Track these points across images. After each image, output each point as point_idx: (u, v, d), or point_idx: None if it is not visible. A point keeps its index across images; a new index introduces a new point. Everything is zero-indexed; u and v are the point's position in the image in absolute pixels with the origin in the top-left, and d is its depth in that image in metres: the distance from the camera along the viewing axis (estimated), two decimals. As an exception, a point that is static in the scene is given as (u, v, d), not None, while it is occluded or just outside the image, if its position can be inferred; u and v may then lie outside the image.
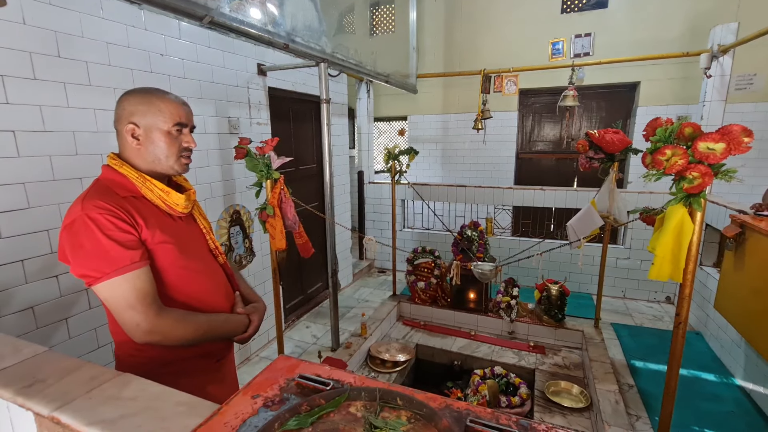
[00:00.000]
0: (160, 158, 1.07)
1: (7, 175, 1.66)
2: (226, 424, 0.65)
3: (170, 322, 1.01)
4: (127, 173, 1.05)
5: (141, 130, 1.04)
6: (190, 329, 1.05)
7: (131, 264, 0.97)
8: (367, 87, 4.96)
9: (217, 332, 1.12)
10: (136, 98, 1.05)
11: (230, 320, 1.17)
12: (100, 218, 0.95)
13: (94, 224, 0.94)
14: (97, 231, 0.94)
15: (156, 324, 0.99)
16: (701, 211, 1.43)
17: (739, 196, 4.00)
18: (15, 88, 1.66)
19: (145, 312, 0.97)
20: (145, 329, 0.98)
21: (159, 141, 1.06)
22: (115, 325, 1.04)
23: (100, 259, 0.94)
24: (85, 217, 0.94)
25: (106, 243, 0.94)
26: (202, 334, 1.07)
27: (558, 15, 4.65)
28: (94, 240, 0.94)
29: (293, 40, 2.48)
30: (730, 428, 2.34)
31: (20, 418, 0.75)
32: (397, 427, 0.64)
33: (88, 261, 0.95)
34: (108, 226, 0.95)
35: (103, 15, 1.97)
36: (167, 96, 1.08)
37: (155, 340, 1.00)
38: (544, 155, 5.22)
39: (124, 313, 0.97)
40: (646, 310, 3.99)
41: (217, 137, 2.73)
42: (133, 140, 1.05)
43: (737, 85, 4.00)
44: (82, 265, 0.95)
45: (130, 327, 0.98)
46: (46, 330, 1.81)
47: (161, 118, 1.05)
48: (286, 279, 3.57)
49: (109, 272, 0.95)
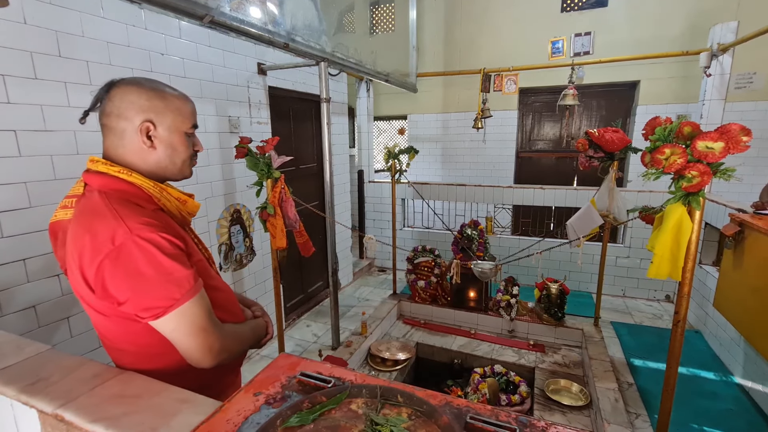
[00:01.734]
0: (176, 162, 0.95)
1: (9, 174, 1.67)
2: (229, 421, 0.66)
3: (231, 337, 0.94)
4: (141, 183, 0.90)
5: (158, 131, 0.91)
6: (243, 341, 1.00)
7: (196, 283, 0.86)
8: (367, 86, 4.96)
9: (253, 339, 1.08)
10: (149, 91, 0.90)
11: (257, 325, 1.12)
12: (157, 237, 0.81)
13: (153, 245, 0.80)
14: (158, 253, 0.80)
15: (224, 341, 0.91)
16: (700, 209, 1.44)
17: (739, 195, 4.00)
18: (16, 88, 1.67)
19: (215, 332, 0.88)
20: (218, 349, 0.89)
21: (179, 144, 0.94)
22: (134, 356, 0.91)
23: (168, 285, 0.81)
24: (137, 239, 0.79)
25: (169, 265, 0.81)
26: (248, 343, 1.04)
27: (558, 14, 4.65)
28: (156, 264, 0.80)
29: (293, 40, 2.48)
30: (728, 426, 2.34)
31: (24, 416, 0.76)
32: (398, 424, 0.64)
33: (154, 290, 0.80)
34: (166, 246, 0.82)
35: (103, 14, 1.97)
36: (176, 92, 0.96)
37: (224, 358, 0.91)
38: (543, 154, 5.22)
39: (195, 339, 0.85)
40: (645, 308, 3.99)
41: (217, 136, 2.74)
42: (145, 141, 0.90)
43: (737, 84, 4.00)
44: (146, 296, 0.80)
45: (203, 351, 0.86)
46: (47, 329, 1.82)
47: (180, 119, 0.93)
48: (286, 278, 3.58)
49: (179, 297, 0.82)
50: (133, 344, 0.90)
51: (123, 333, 0.89)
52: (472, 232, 3.48)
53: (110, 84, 0.91)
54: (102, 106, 0.91)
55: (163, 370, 0.91)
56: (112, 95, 0.89)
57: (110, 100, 0.89)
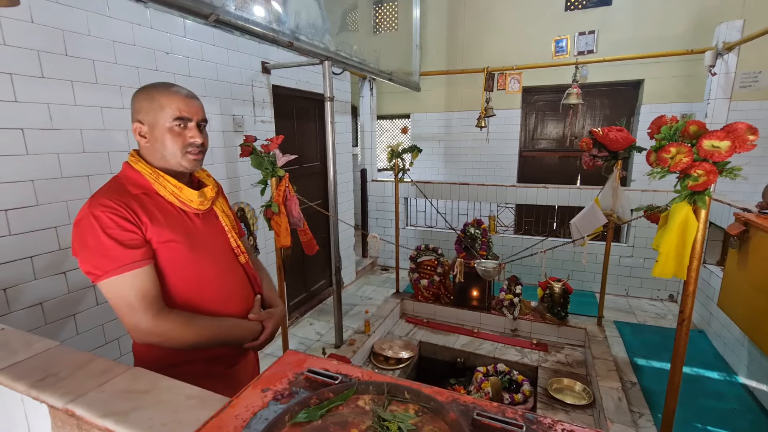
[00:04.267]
0: (166, 156, 1.04)
1: (16, 172, 1.68)
2: (237, 417, 0.66)
3: (170, 325, 0.99)
4: (141, 169, 1.04)
5: (146, 128, 1.03)
6: (191, 333, 1.01)
7: (132, 263, 0.96)
8: (370, 85, 4.97)
9: (223, 337, 1.07)
10: (142, 94, 1.04)
11: (238, 326, 1.11)
12: (103, 216, 0.95)
13: (97, 222, 0.95)
14: (98, 229, 0.94)
15: (155, 325, 0.97)
16: (706, 208, 1.44)
17: (744, 195, 3.99)
18: (23, 87, 1.68)
19: (144, 312, 0.96)
20: (144, 330, 0.97)
21: (162, 138, 1.03)
22: None
23: (101, 257, 0.94)
24: (89, 215, 0.95)
25: (106, 241, 0.94)
26: (207, 339, 1.04)
27: (562, 12, 4.64)
28: (96, 238, 0.94)
29: (297, 38, 2.48)
30: (732, 426, 2.34)
31: (35, 411, 0.77)
32: (405, 420, 0.65)
33: (92, 258, 0.95)
34: (109, 225, 0.95)
35: (109, 13, 1.98)
36: (170, 89, 1.04)
37: (154, 341, 0.99)
38: (547, 153, 5.21)
39: (123, 312, 0.97)
40: (649, 308, 3.98)
41: (221, 135, 2.75)
42: (141, 138, 1.05)
43: (742, 83, 3.98)
44: (86, 261, 0.96)
45: (129, 326, 0.98)
46: (54, 326, 1.84)
47: (162, 114, 1.02)
48: (290, 276, 3.59)
49: (109, 270, 0.94)
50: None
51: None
52: (475, 231, 3.48)
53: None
54: None
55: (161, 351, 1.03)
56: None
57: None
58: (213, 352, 1.10)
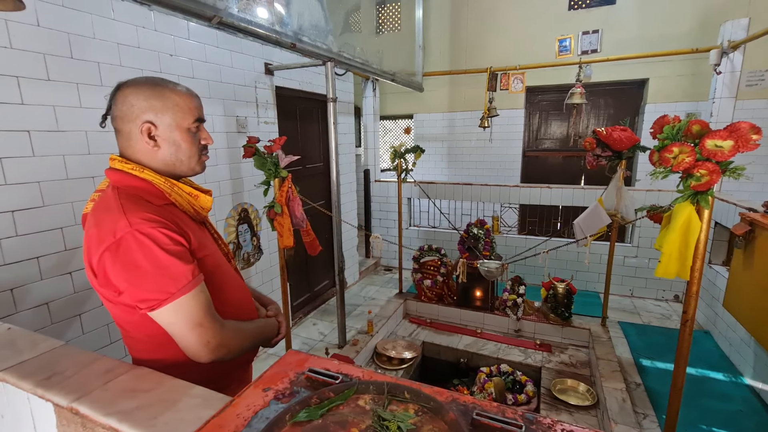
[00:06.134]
0: (182, 160, 0.96)
1: (23, 174, 1.70)
2: (239, 416, 0.67)
3: (231, 334, 0.94)
4: (152, 179, 0.93)
5: (159, 130, 0.92)
6: (246, 339, 0.99)
7: (194, 279, 0.87)
8: (373, 85, 4.97)
9: (261, 338, 1.07)
10: (146, 91, 0.91)
11: (268, 325, 1.11)
12: (155, 233, 0.84)
13: (151, 240, 0.83)
14: (155, 247, 0.83)
15: (223, 337, 0.91)
16: (709, 208, 1.43)
17: (750, 194, 3.95)
18: (29, 89, 1.70)
19: (212, 327, 0.89)
20: (215, 345, 0.90)
21: (181, 141, 0.94)
22: (145, 344, 0.95)
23: (165, 278, 0.83)
24: (136, 233, 0.82)
25: (166, 260, 0.84)
26: (250, 342, 1.02)
27: (565, 11, 4.62)
28: (153, 258, 0.83)
29: (300, 40, 2.49)
30: (738, 427, 2.32)
31: (40, 409, 0.78)
32: (405, 420, 0.65)
33: (149, 283, 0.83)
34: (165, 241, 0.84)
35: (114, 16, 2.00)
36: (178, 88, 0.95)
37: (222, 355, 0.92)
38: (550, 153, 5.20)
39: (191, 333, 0.87)
40: (653, 308, 3.96)
41: (225, 136, 2.76)
42: (149, 141, 0.92)
43: (748, 82, 3.94)
44: (141, 288, 0.83)
45: (199, 346, 0.88)
46: (60, 325, 1.86)
47: (180, 115, 0.93)
48: (293, 277, 3.60)
49: (175, 292, 0.84)
50: (140, 332, 0.93)
51: (130, 321, 0.92)
52: (478, 231, 3.48)
53: (116, 87, 0.94)
54: (111, 109, 0.94)
55: (171, 360, 0.94)
56: (117, 98, 0.92)
57: (116, 104, 0.92)
58: (246, 357, 1.10)
